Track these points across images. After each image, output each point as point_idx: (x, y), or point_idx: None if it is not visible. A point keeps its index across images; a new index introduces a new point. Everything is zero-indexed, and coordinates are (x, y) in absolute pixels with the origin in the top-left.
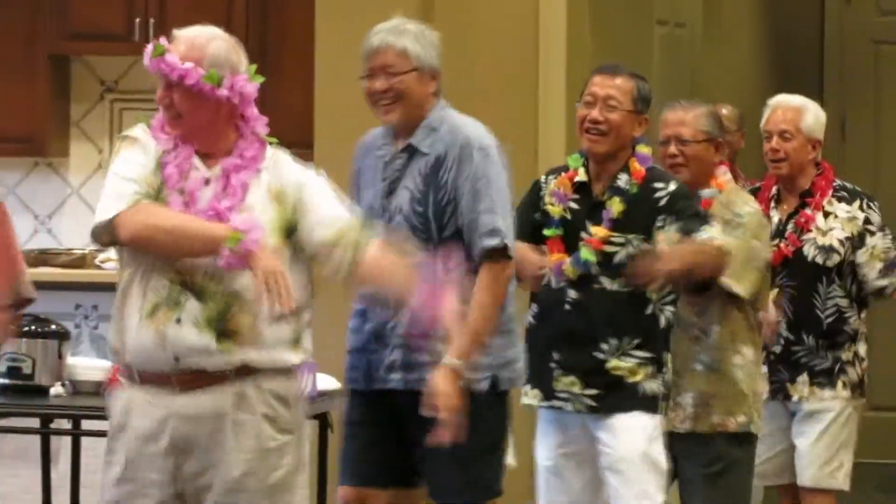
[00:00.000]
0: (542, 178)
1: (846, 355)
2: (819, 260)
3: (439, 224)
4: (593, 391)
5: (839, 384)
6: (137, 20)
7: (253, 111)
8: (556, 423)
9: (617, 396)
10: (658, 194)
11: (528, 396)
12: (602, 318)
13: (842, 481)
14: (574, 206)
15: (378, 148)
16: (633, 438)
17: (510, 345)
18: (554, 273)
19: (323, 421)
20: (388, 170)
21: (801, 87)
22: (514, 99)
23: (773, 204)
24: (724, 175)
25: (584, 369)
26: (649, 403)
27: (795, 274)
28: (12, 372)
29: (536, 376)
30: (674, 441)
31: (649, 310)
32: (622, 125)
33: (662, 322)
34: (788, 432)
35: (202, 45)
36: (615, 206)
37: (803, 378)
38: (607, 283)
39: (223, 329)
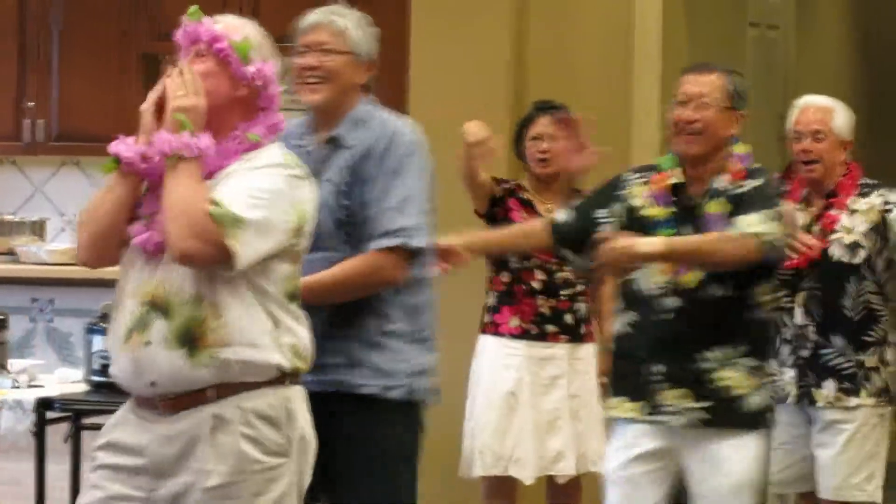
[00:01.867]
0: (626, 174)
1: (871, 361)
2: (845, 258)
3: (365, 216)
4: (703, 404)
5: (863, 392)
6: None
7: (273, 110)
8: (649, 435)
9: (726, 411)
10: (744, 190)
11: (623, 410)
12: (710, 325)
13: (872, 493)
14: (674, 209)
15: (298, 138)
16: (741, 468)
17: (424, 353)
18: (661, 284)
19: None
20: (308, 161)
21: (892, 88)
22: (608, 101)
23: (802, 206)
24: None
25: (691, 380)
26: (757, 419)
27: (822, 276)
28: None
29: (634, 389)
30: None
31: (756, 314)
32: (717, 123)
33: (768, 328)
34: (808, 440)
35: (238, 25)
36: (714, 208)
37: (830, 383)
38: (715, 290)
39: (193, 339)
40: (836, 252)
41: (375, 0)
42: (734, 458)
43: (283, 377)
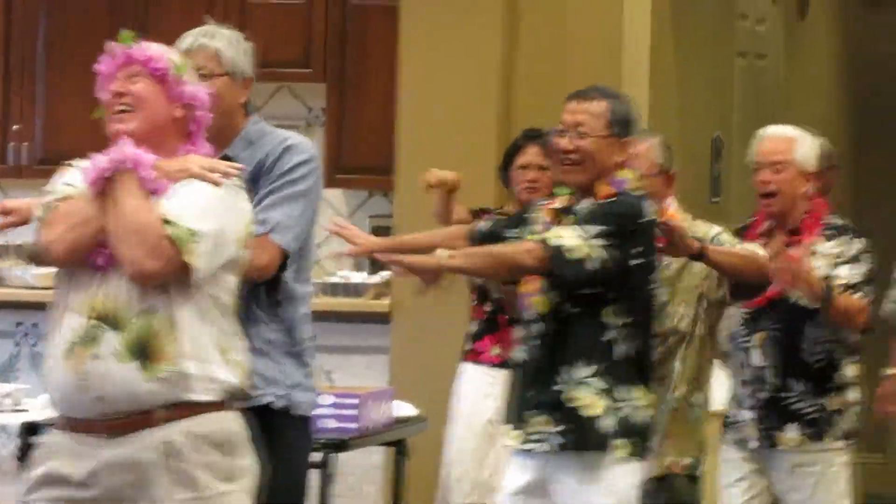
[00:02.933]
0: (540, 200)
1: (833, 404)
2: (803, 302)
3: None
4: (558, 428)
5: (827, 437)
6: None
7: (203, 141)
8: (523, 468)
9: (579, 433)
10: (588, 205)
11: (511, 439)
12: (561, 347)
13: None
14: None
15: None
16: (599, 501)
17: (299, 367)
18: (527, 307)
19: (399, 448)
20: None
21: (881, 116)
22: None
23: (763, 241)
24: (673, 207)
25: (546, 405)
26: (606, 443)
27: (781, 317)
28: None
29: (516, 417)
30: None
31: (606, 336)
32: (597, 152)
33: (621, 351)
34: (764, 478)
35: (167, 52)
36: (565, 223)
37: (793, 427)
38: (567, 309)
39: (146, 352)
40: (796, 294)
41: (367, 7)
42: (593, 492)
43: (229, 399)
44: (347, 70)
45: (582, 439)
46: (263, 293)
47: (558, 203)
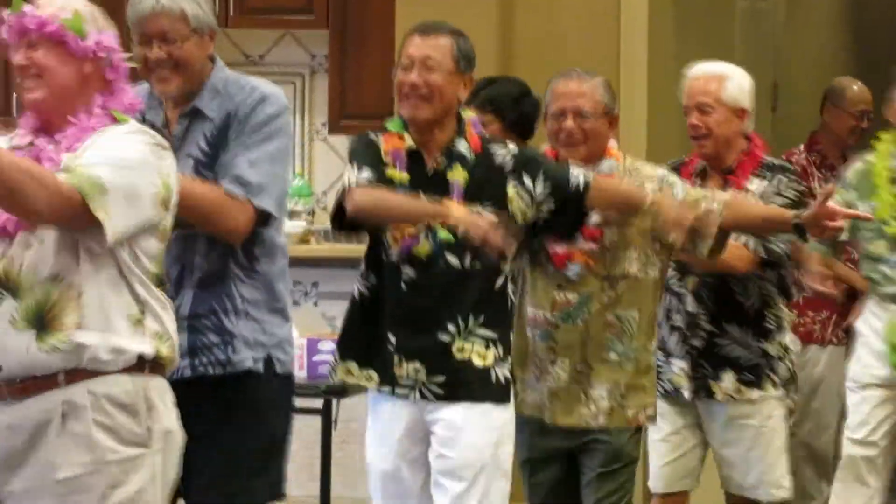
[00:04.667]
0: (372, 134)
1: (773, 349)
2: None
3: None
4: (440, 378)
5: (767, 383)
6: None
7: (124, 88)
8: (395, 416)
9: (466, 383)
10: (499, 160)
11: (357, 377)
12: (446, 297)
13: (790, 488)
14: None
15: (144, 111)
16: (480, 442)
17: (281, 323)
18: (402, 249)
19: (326, 417)
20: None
21: (881, 61)
22: (595, 70)
23: (697, 182)
24: (615, 147)
25: (428, 354)
26: (502, 392)
27: None
28: None
29: (369, 357)
30: (577, 436)
31: (498, 285)
32: (445, 87)
33: (509, 299)
34: (697, 433)
35: (64, 4)
36: (459, 175)
37: (729, 375)
38: (453, 261)
39: (44, 321)
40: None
41: None
42: (474, 433)
43: (142, 364)
44: (348, 17)
45: (470, 389)
46: (240, 250)
47: (406, 142)
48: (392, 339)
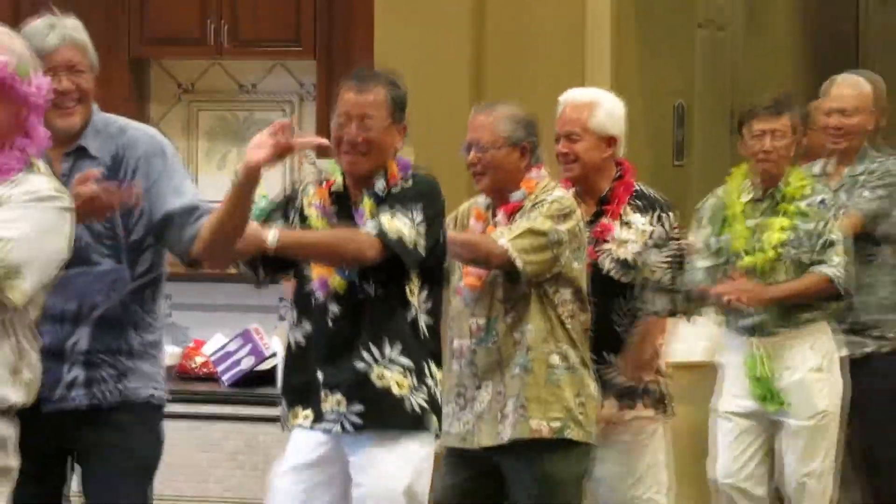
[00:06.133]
0: (302, 185)
1: (647, 374)
2: (614, 275)
3: (126, 226)
4: (358, 407)
5: (640, 404)
6: (211, 24)
7: (39, 125)
8: (313, 445)
9: (382, 412)
10: (395, 189)
11: (300, 419)
12: (361, 326)
13: (659, 502)
14: (335, 220)
15: None
16: (395, 471)
17: (161, 359)
18: (319, 288)
19: None
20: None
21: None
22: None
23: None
24: (536, 176)
25: (348, 384)
26: (417, 421)
27: (594, 288)
28: None
29: (308, 398)
30: (501, 456)
31: (410, 317)
32: (382, 141)
33: (423, 329)
34: None
35: (7, 41)
36: (367, 207)
37: (611, 402)
38: (369, 290)
39: None
40: (606, 265)
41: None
42: (389, 461)
43: (7, 411)
44: (333, 47)
45: (385, 418)
46: (149, 295)
47: (335, 185)
48: (320, 376)
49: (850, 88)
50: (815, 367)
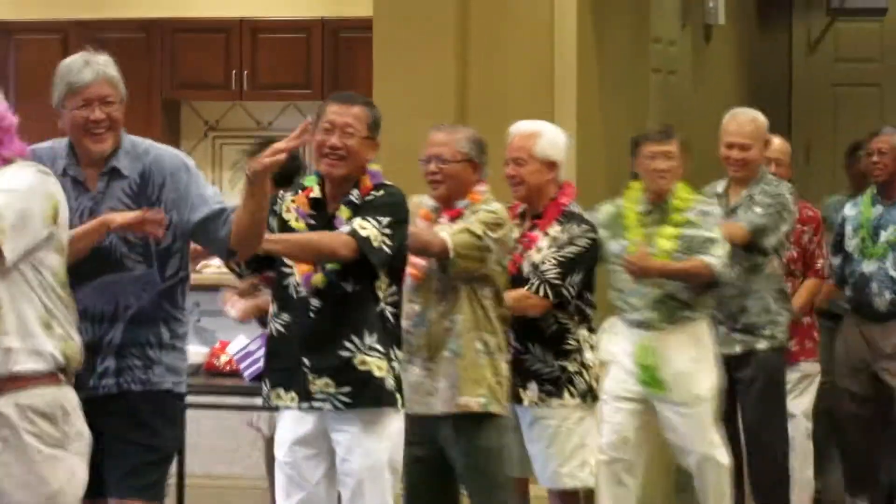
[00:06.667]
0: (280, 193)
1: (573, 366)
2: (529, 275)
3: (157, 238)
4: (346, 388)
5: (566, 394)
6: (234, 71)
7: (11, 138)
8: (301, 422)
9: (367, 391)
10: (368, 198)
11: (283, 399)
12: (342, 318)
13: (585, 479)
14: (312, 221)
15: (60, 165)
16: (379, 447)
17: (185, 354)
18: (303, 284)
19: None
20: (80, 189)
21: (772, 121)
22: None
23: (518, 222)
24: (480, 190)
25: (335, 370)
26: (393, 398)
27: (517, 287)
28: None
29: (291, 382)
30: (438, 427)
31: (378, 309)
32: (359, 150)
33: (390, 319)
34: (517, 433)
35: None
36: (344, 214)
37: (533, 386)
38: (347, 287)
39: None
40: (525, 268)
41: (353, 39)
42: (373, 438)
43: (56, 376)
44: (340, 90)
45: (370, 397)
46: (177, 293)
47: (313, 192)
48: (307, 361)
49: (748, 125)
50: (693, 359)
